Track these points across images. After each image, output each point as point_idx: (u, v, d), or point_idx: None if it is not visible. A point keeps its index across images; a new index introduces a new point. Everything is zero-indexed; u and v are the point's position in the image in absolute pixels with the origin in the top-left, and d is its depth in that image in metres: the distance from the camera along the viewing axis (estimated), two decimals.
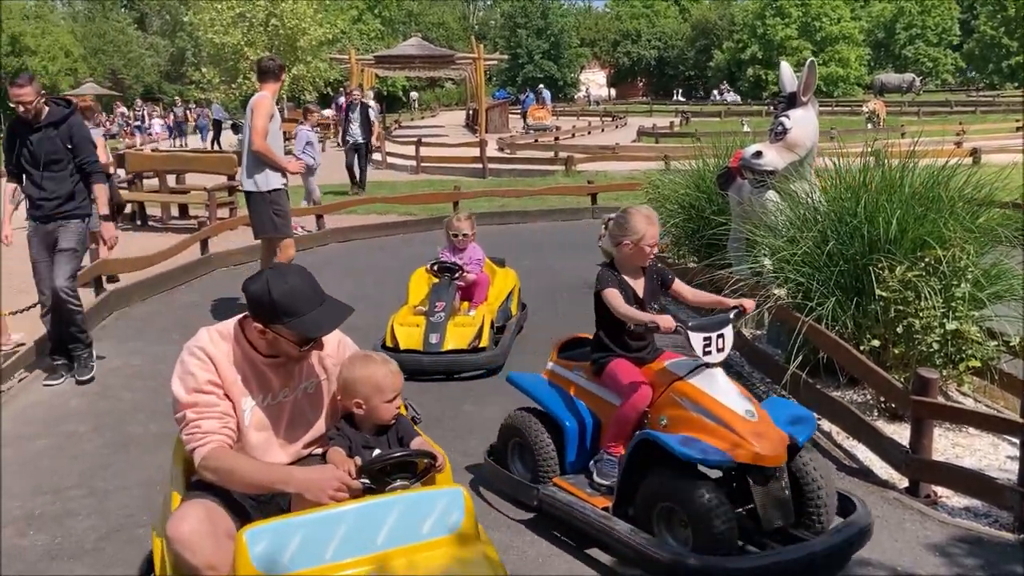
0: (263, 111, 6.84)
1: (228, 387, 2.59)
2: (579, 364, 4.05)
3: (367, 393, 2.69)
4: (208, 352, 2.60)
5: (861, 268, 5.00)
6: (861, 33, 57.70)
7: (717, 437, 3.31)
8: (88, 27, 61.12)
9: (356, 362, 2.74)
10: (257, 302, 2.54)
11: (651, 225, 3.87)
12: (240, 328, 2.67)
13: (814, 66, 5.92)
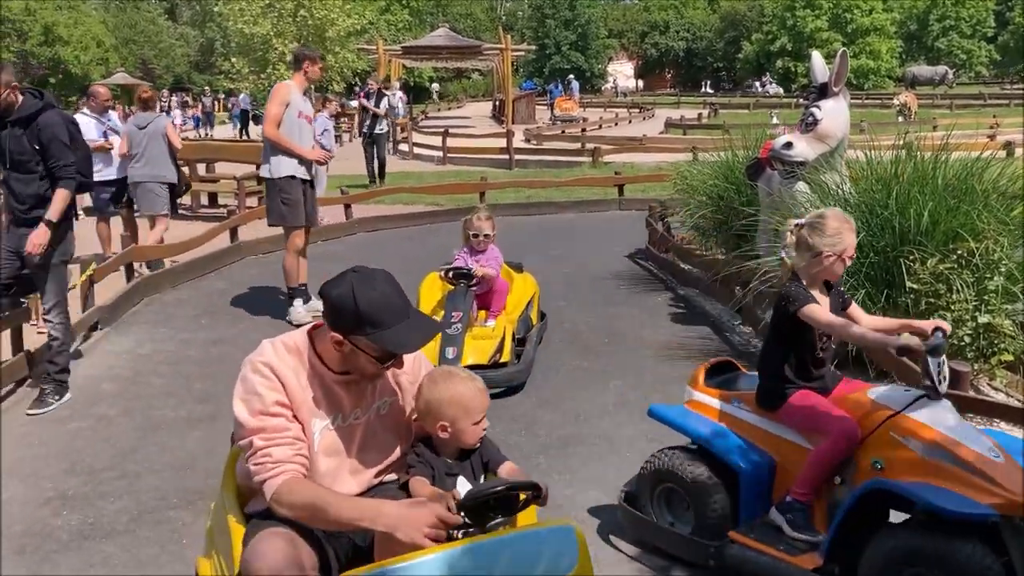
0: (276, 98, 6.85)
1: (297, 408, 2.29)
2: (738, 395, 3.45)
3: (454, 415, 2.39)
4: (274, 368, 2.28)
5: (892, 260, 4.96)
6: (893, 25, 56.94)
7: (962, 484, 2.78)
8: (119, 17, 61.67)
9: (439, 380, 2.42)
10: (339, 309, 2.24)
11: (852, 232, 3.35)
12: (309, 340, 2.37)
13: (846, 56, 5.87)
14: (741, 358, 5.87)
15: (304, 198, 6.97)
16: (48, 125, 4.99)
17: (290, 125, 6.80)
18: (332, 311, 2.27)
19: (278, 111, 6.75)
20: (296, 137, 6.83)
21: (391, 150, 23.00)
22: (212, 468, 4.31)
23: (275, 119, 6.74)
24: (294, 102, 6.82)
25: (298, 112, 6.83)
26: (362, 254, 9.96)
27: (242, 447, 2.28)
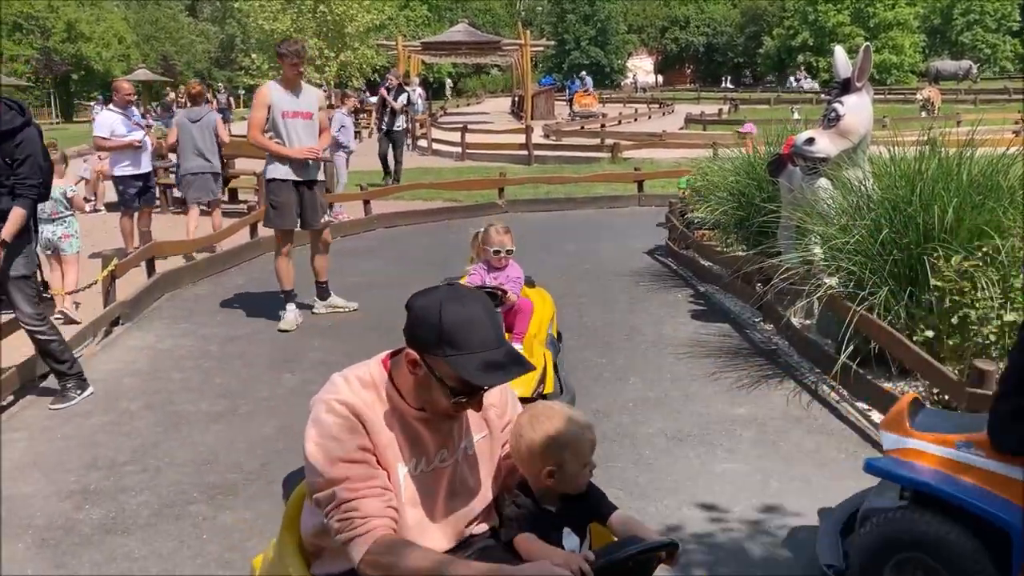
0: (256, 103, 6.72)
1: (381, 452, 1.98)
2: (965, 438, 2.81)
3: (563, 457, 2.04)
4: (353, 407, 1.97)
5: (915, 257, 4.90)
6: (916, 19, 56.36)
7: None
8: (141, 13, 62.08)
9: (542, 418, 2.08)
10: (421, 321, 1.94)
11: None
12: (386, 371, 2.06)
13: (869, 51, 5.80)
14: (761, 356, 5.87)
15: (299, 200, 6.74)
16: (28, 141, 4.85)
17: (275, 127, 6.63)
18: (413, 322, 1.97)
19: (259, 115, 6.61)
20: (284, 138, 6.62)
21: (410, 146, 23.03)
22: (232, 463, 4.34)
23: (257, 124, 6.62)
24: (276, 103, 6.58)
25: (282, 112, 6.58)
26: (381, 250, 9.99)
27: (320, 500, 1.95)
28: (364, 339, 6.46)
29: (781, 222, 6.48)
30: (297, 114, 6.63)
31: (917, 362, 4.53)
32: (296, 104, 6.66)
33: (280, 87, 6.68)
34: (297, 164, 6.65)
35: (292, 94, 6.65)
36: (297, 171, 6.69)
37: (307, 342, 6.42)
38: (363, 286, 8.15)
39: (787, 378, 5.41)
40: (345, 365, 6.00)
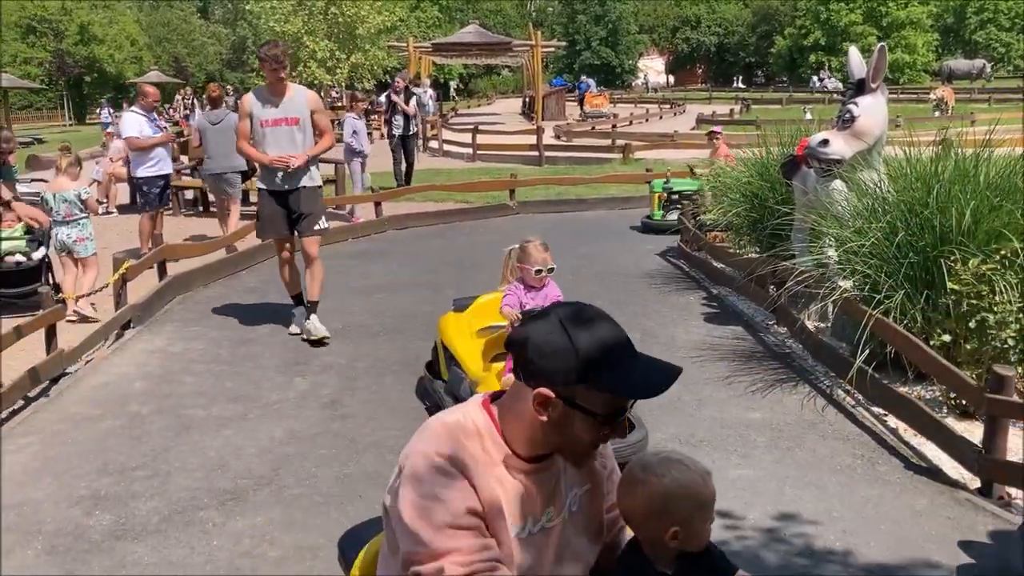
0: (240, 111, 6.51)
1: (490, 513, 1.67)
2: None
3: (688, 513, 1.76)
4: (459, 461, 1.66)
5: (932, 260, 4.84)
6: (929, 18, 56.04)
7: None
8: (153, 16, 62.34)
9: (660, 470, 1.78)
10: (550, 353, 1.63)
11: None
12: (488, 415, 1.74)
13: (884, 51, 5.75)
14: (775, 359, 5.81)
15: (286, 209, 6.44)
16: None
17: (255, 136, 6.41)
18: (538, 358, 1.64)
19: (243, 125, 6.43)
20: (261, 147, 6.37)
21: (421, 147, 23.01)
22: (242, 468, 4.32)
23: (243, 134, 6.43)
24: (254, 112, 6.33)
25: (260, 121, 6.31)
26: (392, 252, 9.97)
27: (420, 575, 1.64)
28: (375, 342, 6.44)
29: (795, 224, 6.42)
30: (279, 121, 6.31)
31: (934, 367, 4.47)
32: (278, 111, 6.32)
33: (261, 94, 6.39)
34: (277, 173, 6.35)
35: (274, 100, 6.32)
36: (278, 180, 6.38)
37: (318, 345, 6.39)
38: (373, 288, 8.13)
39: (801, 382, 5.36)
40: (356, 368, 5.94)
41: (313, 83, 28.96)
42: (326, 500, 3.95)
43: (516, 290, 4.68)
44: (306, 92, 6.62)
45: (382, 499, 1.73)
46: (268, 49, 6.34)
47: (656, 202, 11.28)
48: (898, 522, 3.66)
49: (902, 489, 3.95)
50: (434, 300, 7.60)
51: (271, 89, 6.34)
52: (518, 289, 4.68)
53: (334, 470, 4.27)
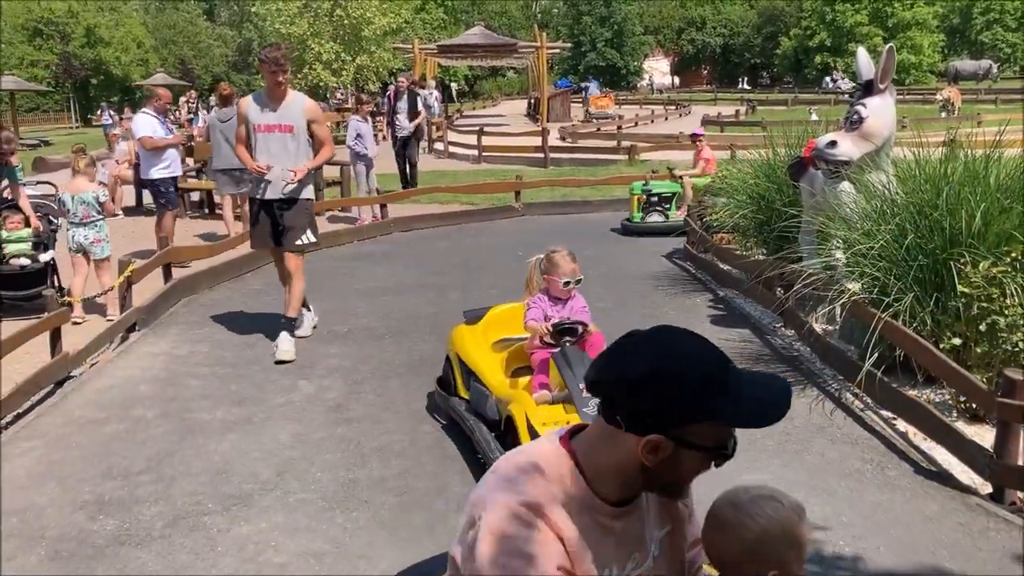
0: (238, 116, 6.32)
1: (577, 567, 1.50)
2: None
3: (783, 555, 1.60)
4: (544, 511, 1.48)
5: (941, 263, 4.80)
6: (935, 19, 55.89)
7: None
8: (159, 18, 62.50)
9: (752, 509, 1.61)
10: (656, 393, 1.44)
11: None
12: (569, 454, 1.55)
13: (892, 52, 5.70)
14: (783, 362, 5.77)
15: (272, 220, 6.23)
16: None
17: (250, 143, 6.19)
18: (640, 400, 1.45)
19: (241, 130, 6.25)
20: (253, 153, 6.16)
21: (426, 148, 22.99)
22: (247, 473, 4.30)
23: (240, 138, 6.25)
24: (250, 116, 6.13)
25: (255, 126, 6.12)
26: (397, 254, 9.95)
27: None
28: (380, 345, 6.41)
29: (802, 227, 6.38)
30: (272, 127, 6.09)
31: (944, 370, 4.43)
32: (273, 117, 6.10)
33: (259, 98, 6.20)
34: (263, 180, 6.12)
35: (272, 106, 6.11)
36: (263, 189, 6.17)
37: (323, 348, 6.37)
38: (378, 291, 8.11)
39: (810, 385, 5.32)
40: (362, 371, 5.90)
41: (318, 85, 28.98)
42: (331, 505, 3.92)
43: (540, 302, 4.41)
44: (305, 101, 6.37)
45: (449, 550, 1.58)
46: (269, 52, 6.13)
47: (635, 204, 11.08)
48: (908, 527, 3.63)
49: (912, 494, 3.92)
50: (439, 303, 7.60)
51: (269, 93, 6.13)
52: (542, 301, 4.42)
53: (339, 475, 4.24)
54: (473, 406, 4.53)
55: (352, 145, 12.04)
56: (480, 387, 4.49)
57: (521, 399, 4.06)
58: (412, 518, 3.79)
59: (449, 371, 4.93)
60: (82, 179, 7.60)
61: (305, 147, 6.21)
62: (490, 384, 4.43)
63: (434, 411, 5.02)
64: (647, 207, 10.95)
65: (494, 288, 8.06)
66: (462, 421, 4.47)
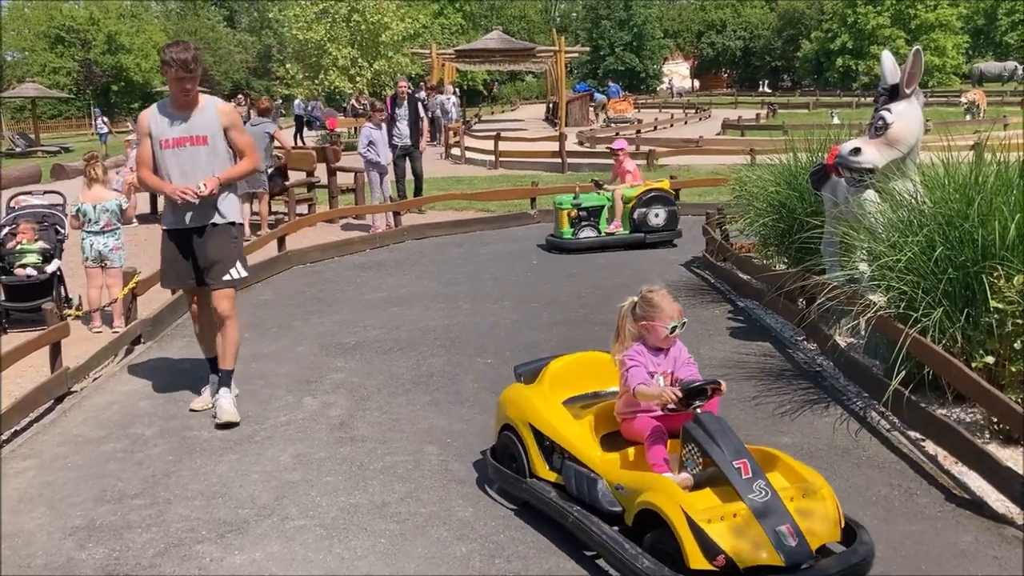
0: (138, 132, 5.21)
1: None
2: None
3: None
4: None
5: (972, 276, 4.56)
6: (959, 20, 55.23)
7: None
8: (180, 24, 62.95)
9: None
10: None
11: None
12: None
13: (919, 55, 5.47)
14: (805, 378, 5.55)
15: (191, 253, 5.16)
16: None
17: (157, 162, 5.08)
18: None
19: (144, 150, 5.12)
20: (163, 174, 5.07)
21: (443, 154, 22.87)
22: (244, 496, 4.13)
23: (144, 159, 5.13)
24: (155, 131, 5.04)
25: (161, 142, 5.02)
26: (409, 264, 9.79)
27: None
28: (388, 359, 6.24)
29: (824, 237, 6.15)
30: (182, 141, 5.02)
31: (975, 389, 4.19)
32: (182, 128, 5.04)
33: (164, 109, 5.10)
34: (181, 207, 5.05)
35: (180, 116, 5.04)
36: (181, 216, 5.10)
37: (329, 362, 6.21)
38: (389, 301, 7.94)
39: (833, 403, 5.09)
40: (368, 387, 5.77)
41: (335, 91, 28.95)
42: (329, 533, 3.74)
43: (640, 356, 3.60)
44: (219, 104, 5.27)
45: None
46: (176, 52, 4.94)
47: (565, 220, 10.18)
48: (940, 562, 3.40)
49: (943, 524, 3.69)
50: (449, 314, 7.42)
51: (175, 102, 5.06)
52: (642, 355, 3.61)
53: (339, 499, 4.06)
54: (573, 492, 3.57)
55: (364, 153, 11.88)
56: (579, 468, 3.56)
57: (663, 487, 3.15)
58: (413, 547, 3.60)
59: (516, 445, 3.91)
60: (100, 187, 7.53)
61: (225, 160, 5.16)
62: (592, 462, 3.53)
63: (498, 490, 4.08)
64: (578, 222, 10.17)
65: (506, 299, 7.89)
66: (561, 516, 3.55)
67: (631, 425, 3.60)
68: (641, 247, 10.13)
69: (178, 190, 4.96)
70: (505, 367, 5.94)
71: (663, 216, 10.17)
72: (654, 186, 10.43)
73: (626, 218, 10.20)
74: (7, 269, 7.53)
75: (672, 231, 10.29)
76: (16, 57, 56.06)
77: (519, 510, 3.87)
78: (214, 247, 5.12)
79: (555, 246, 10.26)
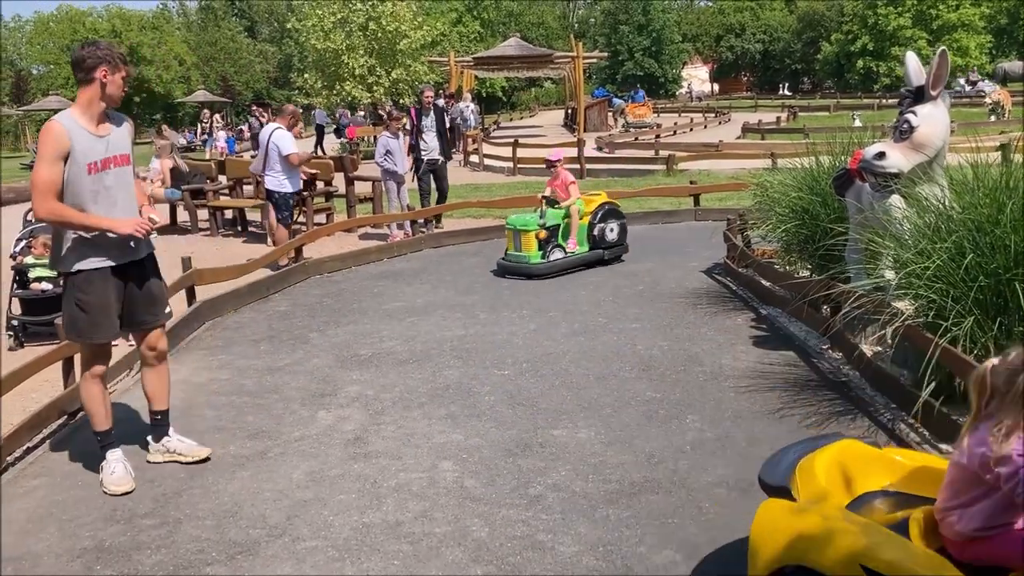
0: (46, 154, 4.10)
1: None
2: None
3: None
4: None
5: (1005, 284, 4.41)
6: (982, 20, 54.59)
7: None
8: (201, 36, 63.34)
9: None
10: None
11: None
12: None
13: (945, 56, 5.32)
14: (831, 389, 5.40)
15: (126, 294, 4.43)
16: None
17: (77, 188, 4.17)
18: None
19: (53, 173, 4.10)
20: (91, 203, 4.21)
21: (461, 161, 22.82)
22: (255, 516, 4.04)
23: (52, 187, 4.10)
24: (77, 149, 4.14)
25: (88, 164, 4.17)
26: (425, 272, 9.70)
27: None
28: (404, 371, 6.15)
29: (849, 244, 6.00)
30: (108, 163, 4.26)
31: None
32: (109, 146, 4.28)
33: (77, 123, 4.21)
34: (118, 243, 4.32)
35: (98, 132, 4.26)
36: (120, 252, 4.35)
37: (345, 375, 6.13)
38: (405, 311, 7.86)
39: (860, 415, 4.94)
40: (383, 400, 5.65)
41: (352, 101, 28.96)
42: (341, 555, 3.65)
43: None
44: (124, 116, 4.52)
45: None
46: (117, 49, 4.36)
47: (532, 242, 9.09)
48: None
49: None
50: (467, 324, 7.33)
51: (90, 115, 4.25)
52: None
53: (352, 518, 3.97)
54: None
55: (381, 162, 11.77)
56: None
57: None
58: (426, 570, 3.50)
59: None
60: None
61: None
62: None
63: None
64: (546, 243, 9.16)
65: (524, 308, 7.78)
66: None
67: (989, 545, 2.47)
68: (602, 263, 9.56)
69: (135, 225, 4.26)
70: (522, 378, 5.85)
71: (616, 230, 9.65)
72: (604, 200, 9.76)
73: (582, 234, 9.47)
74: (24, 283, 7.52)
75: (623, 245, 9.77)
76: (41, 71, 56.72)
77: (536, 531, 3.76)
78: (156, 277, 4.61)
79: (517, 272, 9.12)
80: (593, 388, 5.62)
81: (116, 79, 4.27)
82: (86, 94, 4.24)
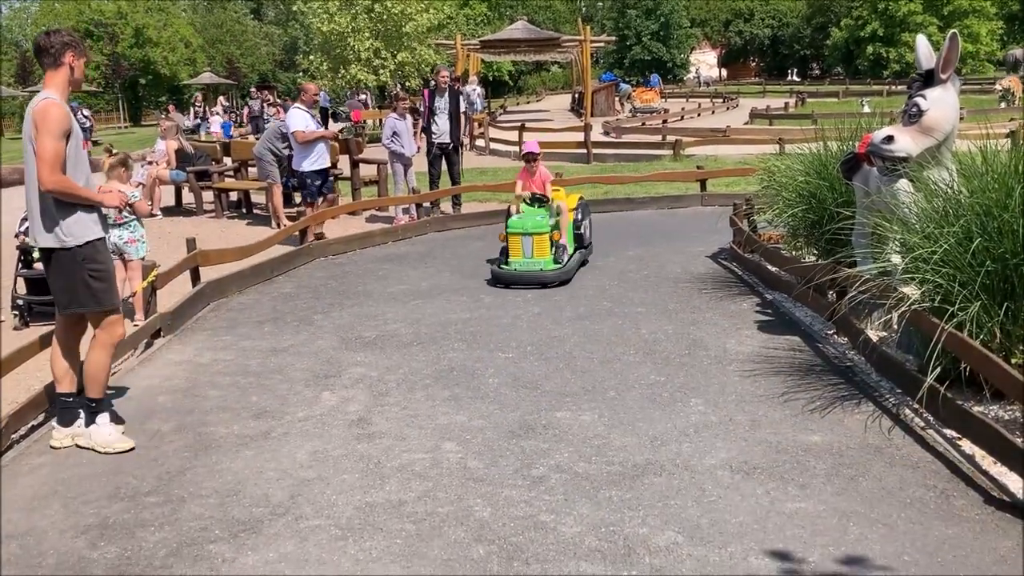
0: (53, 128, 4.30)
1: None
2: None
3: None
4: None
5: (1013, 269, 4.39)
6: (993, 5, 54.17)
7: None
8: (207, 18, 63.19)
9: None
10: None
11: None
12: None
13: (956, 39, 5.28)
14: (835, 373, 5.38)
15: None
16: None
17: (74, 163, 4.46)
18: None
19: (60, 148, 4.34)
20: (82, 179, 4.52)
21: (467, 145, 22.75)
22: (259, 495, 4.05)
23: (60, 159, 4.34)
24: (74, 128, 4.46)
25: (81, 142, 4.56)
26: (431, 256, 9.70)
27: None
28: (408, 352, 6.15)
29: (855, 228, 5.96)
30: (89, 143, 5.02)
31: (1014, 387, 4.02)
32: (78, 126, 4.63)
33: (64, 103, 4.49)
34: (103, 215, 4.74)
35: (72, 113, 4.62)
36: (104, 224, 4.73)
37: (349, 356, 6.13)
38: (410, 294, 7.85)
39: (865, 400, 4.93)
40: (387, 381, 5.66)
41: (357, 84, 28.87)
42: (344, 534, 3.65)
43: None
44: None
45: None
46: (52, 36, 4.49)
47: (546, 247, 8.05)
48: (978, 568, 3.24)
49: (982, 528, 3.53)
50: (471, 307, 7.32)
51: (65, 98, 4.51)
52: None
53: (355, 498, 3.97)
54: None
55: (387, 144, 11.74)
56: None
57: None
58: (429, 549, 3.50)
59: None
60: (115, 181, 7.47)
61: None
62: None
63: None
64: (557, 247, 8.25)
65: (528, 292, 7.76)
66: None
67: None
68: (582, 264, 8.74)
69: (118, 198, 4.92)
70: (526, 361, 5.85)
71: (590, 228, 9.11)
72: (580, 196, 9.28)
73: (570, 233, 8.66)
74: (29, 262, 7.52)
75: (590, 244, 9.16)
76: None
77: (538, 511, 3.76)
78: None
79: (531, 282, 7.92)
80: (597, 371, 5.61)
81: (81, 64, 4.53)
82: (58, 77, 4.47)
